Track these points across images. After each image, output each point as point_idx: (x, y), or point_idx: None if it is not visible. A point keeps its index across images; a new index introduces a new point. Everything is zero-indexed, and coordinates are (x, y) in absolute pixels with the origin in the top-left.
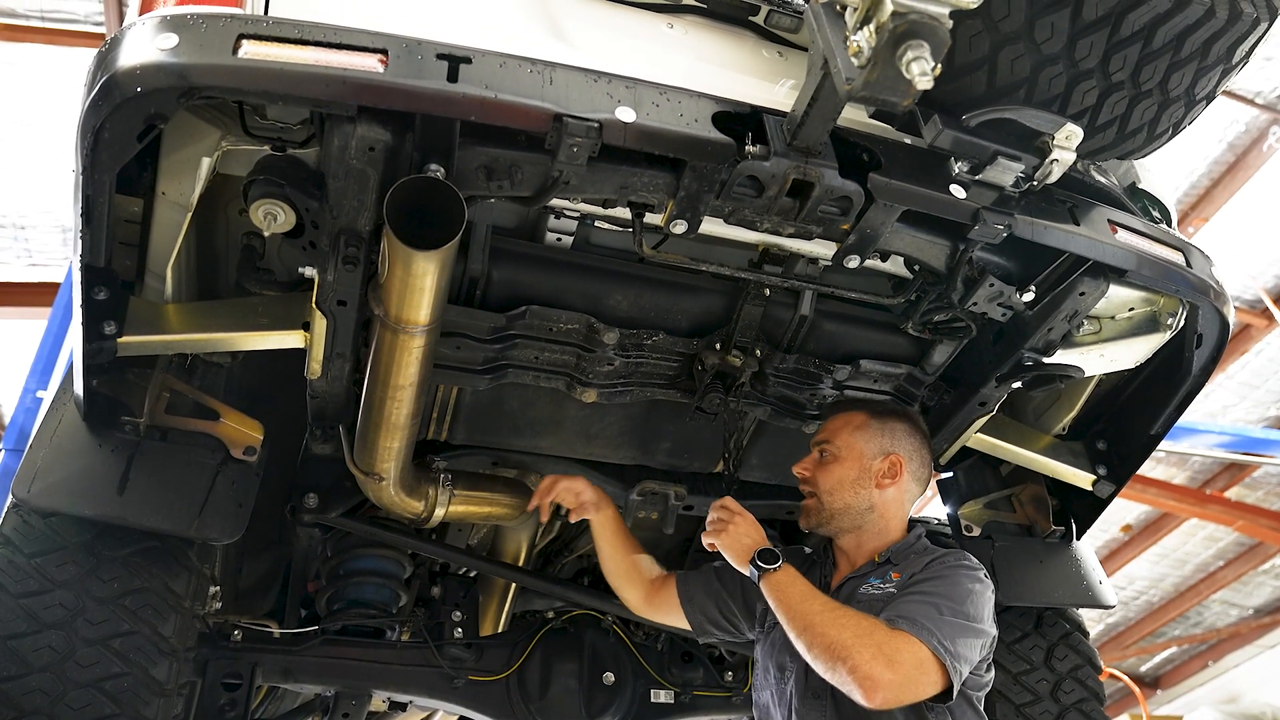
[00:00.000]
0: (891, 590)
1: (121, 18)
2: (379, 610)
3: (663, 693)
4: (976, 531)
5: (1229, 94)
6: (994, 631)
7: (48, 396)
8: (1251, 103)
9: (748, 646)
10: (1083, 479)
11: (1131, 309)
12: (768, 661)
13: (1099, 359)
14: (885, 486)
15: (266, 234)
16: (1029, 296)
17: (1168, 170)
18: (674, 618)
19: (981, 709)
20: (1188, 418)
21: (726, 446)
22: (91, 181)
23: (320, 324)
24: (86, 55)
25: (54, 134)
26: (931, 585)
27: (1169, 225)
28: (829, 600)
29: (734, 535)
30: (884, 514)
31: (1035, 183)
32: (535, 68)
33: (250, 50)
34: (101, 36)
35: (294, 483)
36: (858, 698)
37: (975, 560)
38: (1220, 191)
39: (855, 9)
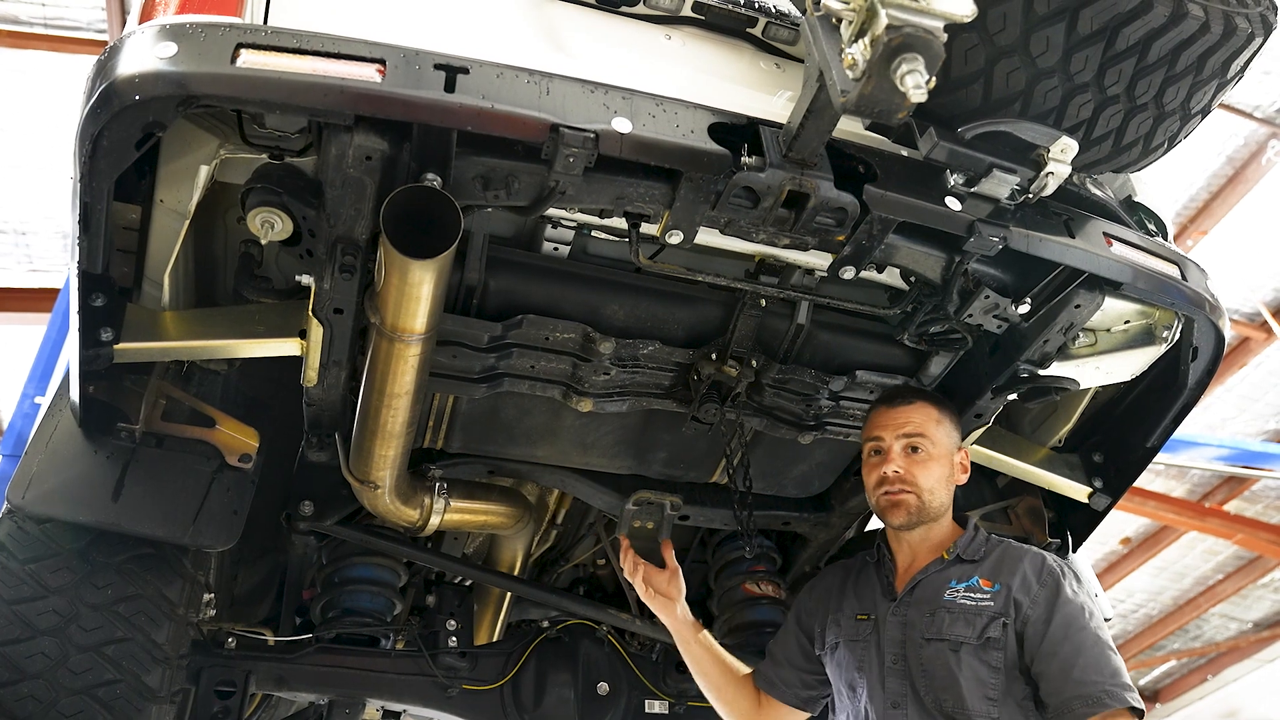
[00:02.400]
0: (989, 604)
1: (124, 25)
2: (374, 619)
3: (657, 703)
4: None
5: (1227, 108)
6: None
7: (45, 402)
8: (1250, 116)
9: (745, 658)
10: (1079, 491)
11: (1127, 322)
12: (839, 683)
13: (1095, 371)
14: (960, 482)
15: (264, 242)
16: (1025, 309)
17: (1165, 183)
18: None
19: None
20: (1187, 431)
21: (730, 461)
22: (90, 189)
23: (317, 332)
24: (89, 62)
25: (56, 140)
26: (1079, 622)
27: (1165, 238)
28: None
29: None
30: (950, 507)
31: (1031, 195)
32: (532, 78)
33: (249, 59)
34: (104, 44)
35: (290, 490)
36: None
37: (1056, 557)
38: (1219, 205)
39: (850, 22)
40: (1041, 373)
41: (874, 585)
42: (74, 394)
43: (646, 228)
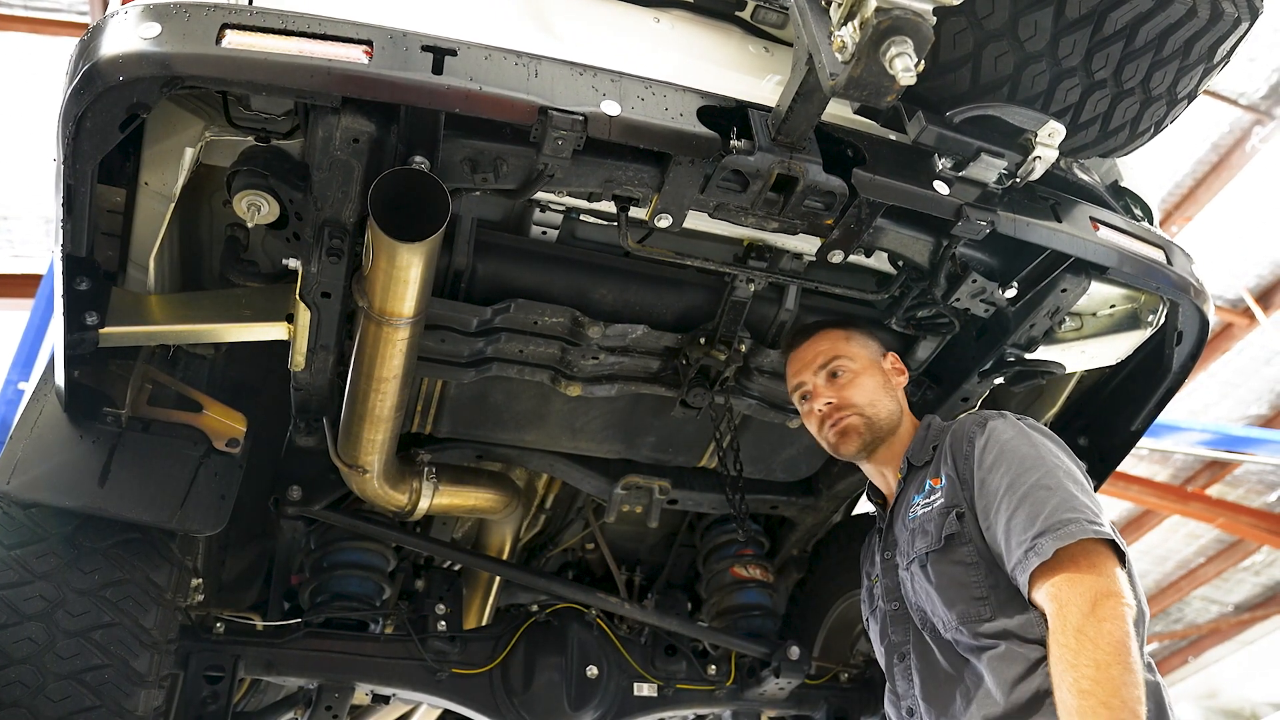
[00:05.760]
0: (941, 501)
1: (105, 7)
2: (362, 603)
3: (646, 686)
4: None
5: (1213, 95)
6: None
7: (29, 388)
8: (1235, 103)
9: (733, 641)
10: None
11: (1113, 306)
12: (876, 651)
13: (1080, 355)
14: (900, 385)
15: (250, 225)
16: (1011, 293)
17: (1151, 169)
18: None
19: None
20: (1170, 415)
21: (719, 445)
22: (73, 171)
23: (304, 316)
24: (70, 45)
25: (38, 124)
26: (1007, 473)
27: (1151, 223)
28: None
29: None
30: (905, 411)
31: (1018, 180)
32: (520, 60)
33: (234, 40)
34: (86, 26)
35: (278, 475)
36: (1122, 620)
37: (998, 411)
38: (1204, 191)
39: (840, 4)
40: (1028, 356)
41: (880, 536)
42: (59, 379)
43: (635, 211)
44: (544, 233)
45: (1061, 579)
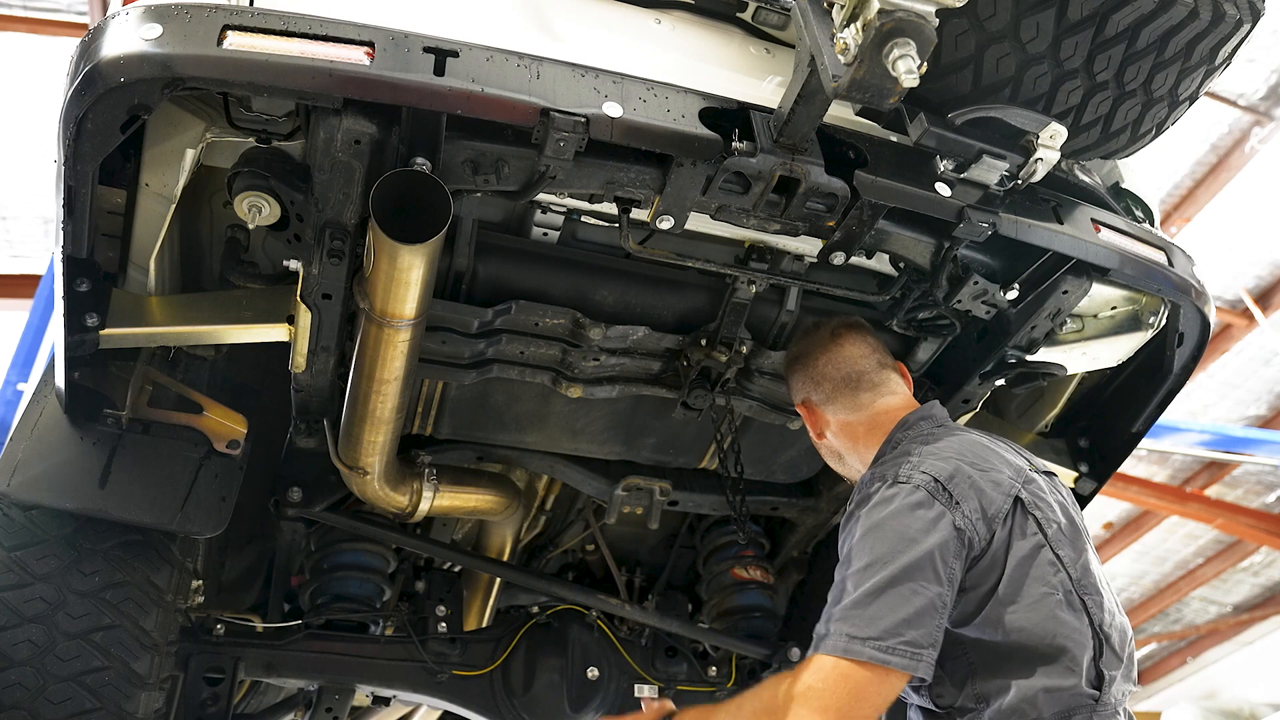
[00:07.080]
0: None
1: (104, 7)
2: (363, 605)
3: (646, 688)
4: None
5: (1212, 95)
6: (937, 540)
7: (29, 389)
8: (1234, 104)
9: (734, 642)
10: (1065, 476)
11: (1114, 307)
12: None
13: (1081, 357)
14: (823, 430)
15: (251, 227)
16: (1013, 294)
17: (1151, 170)
18: None
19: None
20: (1169, 416)
21: (720, 446)
22: (74, 172)
23: (305, 317)
24: (70, 45)
25: (37, 124)
26: (843, 558)
27: (1152, 225)
28: (733, 702)
29: None
30: (853, 446)
31: (1020, 181)
32: (522, 62)
33: (235, 41)
34: (85, 26)
35: (278, 477)
36: None
37: (900, 469)
38: (1203, 192)
39: (842, 6)
40: (1029, 358)
41: None
42: (59, 380)
43: (636, 213)
44: (545, 234)
45: (801, 676)
